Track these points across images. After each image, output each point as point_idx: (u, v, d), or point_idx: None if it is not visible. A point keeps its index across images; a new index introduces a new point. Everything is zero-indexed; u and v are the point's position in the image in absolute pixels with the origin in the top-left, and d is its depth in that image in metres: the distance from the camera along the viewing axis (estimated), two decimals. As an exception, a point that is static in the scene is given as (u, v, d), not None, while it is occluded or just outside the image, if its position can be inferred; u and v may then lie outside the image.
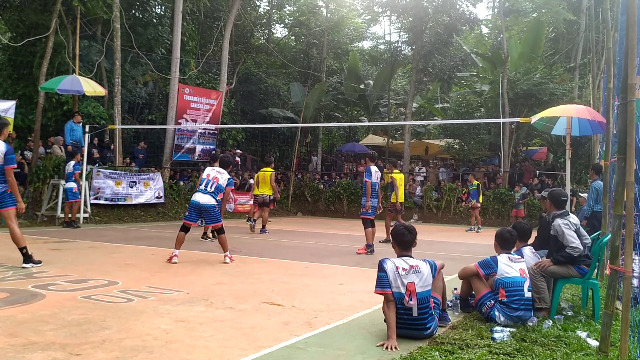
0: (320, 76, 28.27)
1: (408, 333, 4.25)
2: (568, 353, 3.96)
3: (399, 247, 4.51)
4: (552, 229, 5.41)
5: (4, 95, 16.23)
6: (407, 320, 4.23)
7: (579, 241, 5.20)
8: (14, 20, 17.39)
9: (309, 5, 29.34)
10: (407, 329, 4.24)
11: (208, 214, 8.04)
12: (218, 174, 8.17)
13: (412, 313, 4.22)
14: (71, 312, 4.66)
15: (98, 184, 15.12)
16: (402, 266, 4.29)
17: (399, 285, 4.23)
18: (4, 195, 6.92)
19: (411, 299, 4.20)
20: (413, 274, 4.28)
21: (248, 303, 5.30)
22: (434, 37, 24.29)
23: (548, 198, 5.79)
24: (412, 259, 4.40)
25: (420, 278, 4.28)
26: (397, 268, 4.28)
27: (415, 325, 4.25)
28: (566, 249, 5.18)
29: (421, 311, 4.24)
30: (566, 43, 24.86)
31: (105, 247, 9.43)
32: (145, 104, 22.24)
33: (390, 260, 4.34)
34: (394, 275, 4.26)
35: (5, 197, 6.93)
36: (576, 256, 5.18)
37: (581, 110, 9.20)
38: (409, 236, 4.47)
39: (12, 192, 6.99)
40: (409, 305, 4.21)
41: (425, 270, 4.34)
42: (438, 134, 29.71)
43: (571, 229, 5.25)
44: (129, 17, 18.84)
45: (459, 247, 11.80)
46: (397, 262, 4.34)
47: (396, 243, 4.53)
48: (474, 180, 16.58)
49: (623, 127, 3.85)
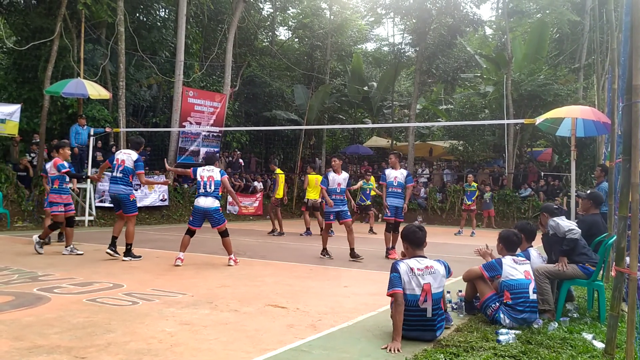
0: (324, 78, 28.27)
1: (420, 335, 4.25)
2: (574, 355, 3.95)
3: (411, 246, 4.47)
4: (549, 230, 5.58)
5: (9, 98, 16.31)
6: (421, 321, 4.23)
7: (574, 224, 5.41)
8: (18, 24, 17.47)
9: (312, 7, 29.36)
10: (419, 330, 4.25)
11: (212, 217, 8.06)
12: (210, 172, 8.21)
13: (426, 314, 4.23)
14: (76, 315, 4.67)
15: (103, 187, 15.16)
16: (416, 267, 4.29)
17: (414, 287, 4.22)
18: (133, 202, 8.36)
19: (427, 300, 4.21)
20: (429, 275, 4.28)
21: (252, 306, 5.30)
22: (438, 39, 24.27)
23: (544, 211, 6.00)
24: (426, 259, 4.40)
25: (436, 279, 4.30)
26: (411, 269, 4.27)
27: (428, 327, 4.26)
28: (566, 235, 5.28)
29: (434, 312, 4.26)
30: (570, 44, 24.81)
31: (110, 250, 9.44)
32: (150, 106, 22.29)
33: (403, 262, 4.32)
34: (408, 276, 4.24)
35: (134, 203, 8.41)
36: (577, 237, 5.27)
37: (586, 111, 9.17)
38: (420, 233, 4.47)
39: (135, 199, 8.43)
40: (423, 307, 4.22)
41: (441, 271, 4.37)
42: (442, 136, 29.64)
43: (564, 220, 5.49)
44: (133, 20, 18.91)
45: (464, 249, 11.75)
46: (411, 263, 4.32)
47: (408, 242, 4.49)
48: (472, 182, 16.31)
49: (628, 128, 3.83)
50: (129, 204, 8.31)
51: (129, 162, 8.24)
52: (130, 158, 8.26)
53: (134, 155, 8.28)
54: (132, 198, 8.31)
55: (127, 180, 8.26)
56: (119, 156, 8.37)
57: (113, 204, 8.65)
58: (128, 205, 8.30)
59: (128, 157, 8.27)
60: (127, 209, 8.33)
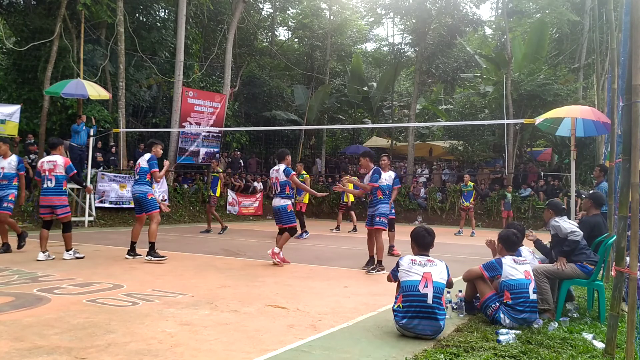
0: (324, 78, 28.27)
1: (422, 325, 4.29)
2: (574, 355, 3.95)
3: (417, 248, 4.71)
4: (550, 230, 5.62)
5: (9, 99, 16.32)
6: (422, 307, 4.31)
7: (576, 226, 5.42)
8: (18, 24, 17.49)
9: (312, 7, 29.36)
10: (421, 317, 4.29)
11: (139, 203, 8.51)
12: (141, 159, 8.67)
13: (427, 300, 4.31)
14: (76, 316, 4.67)
15: (103, 188, 15.17)
16: (418, 259, 4.55)
17: (414, 273, 4.43)
18: (152, 200, 8.39)
19: (427, 285, 4.34)
20: (430, 266, 4.50)
21: (252, 306, 5.30)
22: (438, 39, 24.26)
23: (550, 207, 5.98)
24: (429, 257, 4.64)
25: (437, 270, 4.48)
26: (412, 260, 4.54)
27: (429, 314, 4.31)
28: (567, 237, 5.30)
29: (435, 300, 4.34)
30: (570, 44, 24.81)
31: (110, 251, 9.46)
32: (150, 107, 22.31)
33: (407, 256, 4.63)
34: (409, 264, 4.50)
35: (153, 201, 8.41)
36: (579, 239, 5.29)
37: (585, 111, 9.17)
38: (429, 238, 4.70)
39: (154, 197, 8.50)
40: (424, 292, 4.33)
41: (441, 266, 4.56)
42: (442, 136, 29.64)
43: (566, 221, 5.49)
44: (132, 21, 18.91)
45: (464, 249, 11.76)
46: (413, 256, 4.62)
47: (415, 244, 4.72)
48: (469, 182, 16.29)
49: (628, 128, 3.83)
50: (149, 202, 8.39)
51: (143, 162, 8.52)
52: (144, 159, 8.58)
53: (146, 156, 8.60)
54: (150, 197, 8.41)
55: (144, 180, 8.48)
56: (139, 161, 8.75)
57: (134, 206, 8.77)
58: (147, 203, 8.39)
59: (142, 159, 8.60)
60: (148, 207, 8.41)
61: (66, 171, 8.32)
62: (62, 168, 8.30)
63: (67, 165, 8.37)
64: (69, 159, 8.65)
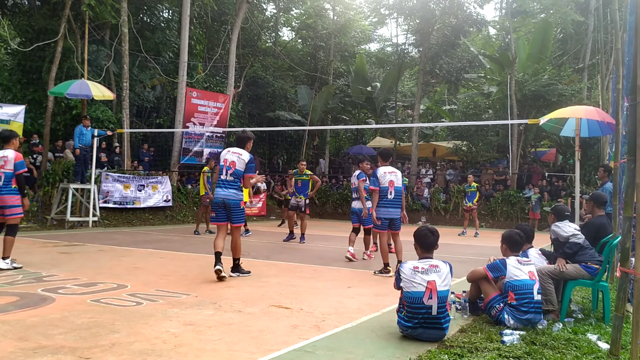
0: (328, 79, 28.28)
1: (426, 333, 4.26)
2: (578, 356, 3.93)
3: (420, 249, 4.60)
4: (551, 234, 5.63)
5: (14, 99, 16.38)
6: (427, 318, 4.26)
7: (572, 228, 5.39)
8: (23, 25, 17.54)
9: (315, 8, 29.37)
10: (426, 327, 4.26)
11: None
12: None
13: (431, 312, 4.26)
14: (81, 316, 4.68)
15: (107, 188, 15.21)
16: (421, 266, 4.40)
17: (418, 284, 4.30)
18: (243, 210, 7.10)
19: (431, 297, 4.25)
20: (434, 273, 4.36)
21: (256, 306, 5.30)
22: (441, 39, 24.23)
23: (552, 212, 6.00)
24: (432, 259, 4.50)
25: (441, 277, 4.36)
26: (414, 268, 4.38)
27: (434, 324, 4.28)
28: (569, 240, 5.29)
29: (440, 309, 4.28)
30: (574, 44, 24.73)
31: (114, 251, 9.47)
32: (153, 107, 22.35)
33: (408, 262, 4.48)
34: (411, 273, 4.36)
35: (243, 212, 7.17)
36: (581, 242, 5.27)
37: (590, 112, 9.14)
38: (432, 238, 4.58)
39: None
40: (428, 304, 4.25)
41: (445, 270, 4.43)
42: (446, 136, 29.62)
43: (566, 225, 5.46)
44: (136, 21, 18.95)
45: (468, 249, 11.74)
46: (415, 262, 4.45)
47: (418, 245, 4.62)
48: (472, 182, 16.26)
49: (632, 128, 3.82)
50: (240, 213, 7.01)
51: (241, 164, 6.97)
52: (242, 159, 7.00)
53: (245, 156, 7.03)
54: (242, 205, 7.05)
55: (238, 185, 6.99)
56: (227, 156, 7.04)
57: (215, 211, 7.13)
58: (239, 213, 6.99)
59: (239, 158, 7.00)
60: (237, 218, 7.00)
61: (15, 167, 7.11)
62: (12, 164, 7.12)
63: (18, 161, 7.15)
64: (21, 155, 7.41)
